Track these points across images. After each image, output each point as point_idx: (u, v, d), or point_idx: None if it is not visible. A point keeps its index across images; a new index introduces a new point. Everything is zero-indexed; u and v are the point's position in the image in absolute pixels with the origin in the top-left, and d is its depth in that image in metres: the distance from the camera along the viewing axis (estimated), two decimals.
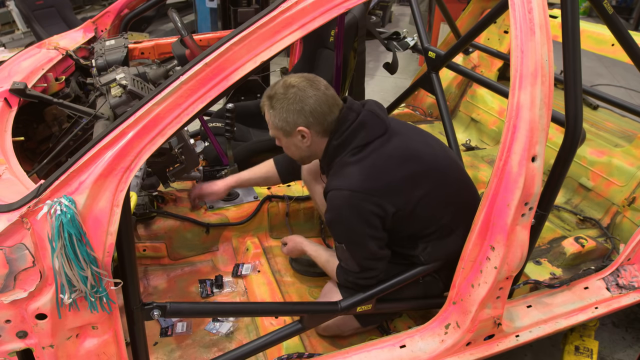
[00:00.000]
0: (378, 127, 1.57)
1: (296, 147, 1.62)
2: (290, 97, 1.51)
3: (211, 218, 2.20)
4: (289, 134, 1.57)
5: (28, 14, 4.78)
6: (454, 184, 1.66)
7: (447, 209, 1.60)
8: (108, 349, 1.22)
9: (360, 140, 1.54)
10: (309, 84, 1.54)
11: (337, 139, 1.56)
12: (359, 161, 1.53)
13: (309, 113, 1.52)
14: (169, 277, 2.10)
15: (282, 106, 1.52)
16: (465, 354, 1.62)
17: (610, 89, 5.28)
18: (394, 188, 1.53)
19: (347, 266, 1.61)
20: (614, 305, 1.90)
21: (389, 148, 1.55)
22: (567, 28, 1.37)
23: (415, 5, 2.45)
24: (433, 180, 1.58)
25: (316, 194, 2.01)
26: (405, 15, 9.05)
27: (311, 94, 1.52)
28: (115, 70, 1.90)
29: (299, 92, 1.52)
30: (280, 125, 1.55)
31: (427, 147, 1.64)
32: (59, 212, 0.99)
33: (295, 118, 1.52)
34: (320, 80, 1.57)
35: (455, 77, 3.40)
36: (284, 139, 1.60)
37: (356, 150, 1.54)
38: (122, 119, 1.05)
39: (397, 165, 1.54)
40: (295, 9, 1.09)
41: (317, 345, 1.78)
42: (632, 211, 2.34)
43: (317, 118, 1.53)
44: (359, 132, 1.55)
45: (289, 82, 1.55)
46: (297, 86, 1.53)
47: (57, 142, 1.90)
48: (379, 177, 1.52)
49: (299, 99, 1.51)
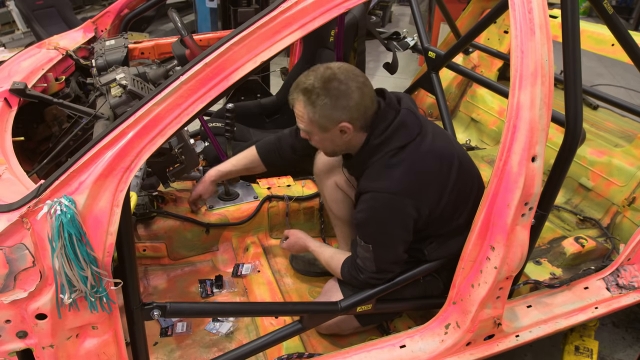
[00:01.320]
0: (416, 127, 1.54)
1: (332, 142, 1.54)
2: (333, 92, 1.41)
3: (211, 218, 2.20)
4: (327, 130, 1.48)
5: (28, 14, 4.78)
6: (471, 179, 1.66)
7: (466, 206, 1.60)
8: (108, 349, 1.22)
9: (400, 141, 1.50)
10: (349, 76, 1.44)
11: (377, 138, 1.51)
12: (400, 163, 1.49)
13: (354, 109, 1.44)
14: (169, 277, 2.10)
15: (325, 102, 1.42)
16: (465, 354, 1.62)
17: (610, 89, 5.27)
18: (432, 189, 1.52)
19: (363, 265, 1.59)
20: (614, 305, 1.90)
21: (424, 148, 1.52)
22: (567, 28, 1.37)
23: (415, 5, 2.45)
24: (460, 178, 1.57)
25: (326, 188, 1.97)
26: (405, 15, 9.05)
27: (354, 87, 1.43)
28: (115, 70, 1.90)
29: (342, 85, 1.42)
30: (320, 121, 1.46)
31: (451, 145, 1.65)
32: (59, 212, 0.99)
33: (339, 114, 1.44)
34: (357, 70, 1.49)
35: (455, 77, 3.39)
36: (320, 134, 1.51)
37: (396, 151, 1.50)
38: (122, 119, 1.05)
39: (433, 166, 1.53)
40: (295, 9, 1.09)
41: (317, 345, 1.78)
42: (632, 211, 2.34)
43: (361, 113, 1.46)
44: (399, 132, 1.51)
45: (327, 74, 1.43)
46: (337, 79, 1.42)
47: (57, 142, 1.90)
48: (418, 180, 1.50)
49: (344, 94, 1.42)
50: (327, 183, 1.96)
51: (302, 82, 1.46)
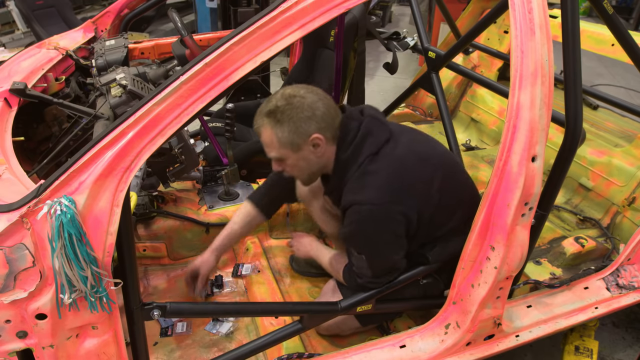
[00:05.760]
0: (383, 133, 1.52)
1: (306, 162, 1.50)
2: (297, 105, 1.41)
3: (211, 218, 2.20)
4: (299, 147, 1.45)
5: (28, 14, 4.78)
6: (460, 179, 1.66)
7: (458, 207, 1.60)
8: (108, 349, 1.22)
9: (370, 149, 1.48)
10: (309, 91, 1.45)
11: (346, 152, 1.49)
12: (375, 172, 1.46)
13: (321, 118, 1.43)
14: (169, 277, 2.10)
15: (291, 116, 1.41)
16: (465, 354, 1.62)
17: (610, 89, 5.27)
18: (414, 192, 1.49)
19: (360, 272, 1.58)
20: (614, 305, 1.90)
21: (399, 152, 1.50)
22: (567, 28, 1.37)
23: (415, 5, 2.45)
24: (445, 178, 1.56)
25: (314, 212, 1.92)
26: (405, 15, 9.05)
27: (316, 99, 1.44)
28: (115, 70, 1.90)
29: (304, 99, 1.42)
30: (290, 138, 1.42)
31: (430, 146, 1.64)
32: (59, 212, 0.99)
33: (308, 126, 1.42)
34: (315, 87, 1.50)
35: (455, 77, 3.40)
36: (293, 155, 1.47)
37: (370, 158, 1.48)
38: (122, 119, 1.05)
39: (413, 167, 1.51)
40: (295, 9, 1.09)
41: (317, 345, 1.78)
42: (632, 211, 2.34)
43: (327, 122, 1.45)
44: (367, 140, 1.49)
45: (287, 93, 1.45)
46: (298, 95, 1.43)
47: (57, 142, 1.90)
48: (400, 184, 1.47)
49: (308, 105, 1.42)
50: (314, 207, 1.92)
51: (264, 107, 1.45)
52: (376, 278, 1.58)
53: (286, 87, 1.48)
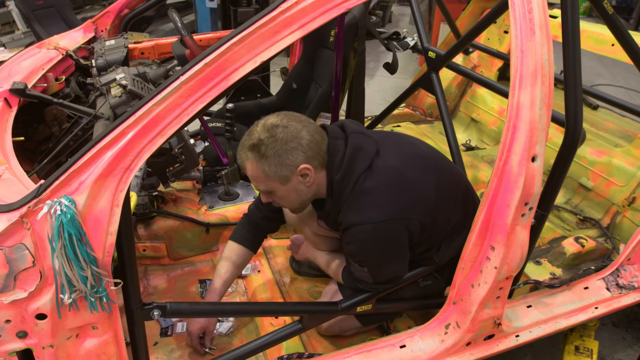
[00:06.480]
0: (371, 145, 1.48)
1: (296, 193, 1.46)
2: (280, 136, 1.35)
3: (211, 218, 2.20)
4: (288, 179, 1.40)
5: (28, 14, 4.78)
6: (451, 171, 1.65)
7: (456, 201, 1.59)
8: (108, 349, 1.22)
9: (362, 165, 1.44)
10: (291, 118, 1.40)
11: (338, 173, 1.44)
12: (373, 189, 1.42)
13: (306, 147, 1.38)
14: (169, 277, 2.10)
15: (277, 150, 1.35)
16: (465, 354, 1.62)
17: (610, 89, 5.28)
18: (413, 201, 1.47)
19: (361, 278, 1.58)
20: (614, 305, 1.90)
21: (390, 162, 1.47)
22: (567, 28, 1.37)
23: (415, 5, 2.45)
24: (438, 175, 1.55)
25: (308, 237, 1.88)
26: (405, 15, 9.05)
27: (300, 127, 1.38)
28: (115, 70, 1.90)
29: (287, 129, 1.37)
30: (277, 172, 1.38)
31: (414, 145, 1.63)
32: (59, 212, 0.99)
33: (294, 157, 1.37)
34: (296, 113, 1.45)
35: (455, 77, 3.40)
36: (282, 188, 1.43)
37: (363, 177, 1.43)
38: (122, 119, 1.05)
39: (406, 175, 1.48)
40: (295, 9, 1.09)
41: (317, 345, 1.78)
42: (632, 211, 2.34)
43: (314, 150, 1.40)
44: (357, 157, 1.45)
45: (269, 123, 1.39)
46: (281, 124, 1.37)
47: (57, 142, 1.90)
48: (398, 195, 1.45)
49: (292, 136, 1.36)
50: (305, 233, 1.88)
51: (247, 140, 1.40)
52: (377, 284, 1.59)
53: (267, 117, 1.42)
